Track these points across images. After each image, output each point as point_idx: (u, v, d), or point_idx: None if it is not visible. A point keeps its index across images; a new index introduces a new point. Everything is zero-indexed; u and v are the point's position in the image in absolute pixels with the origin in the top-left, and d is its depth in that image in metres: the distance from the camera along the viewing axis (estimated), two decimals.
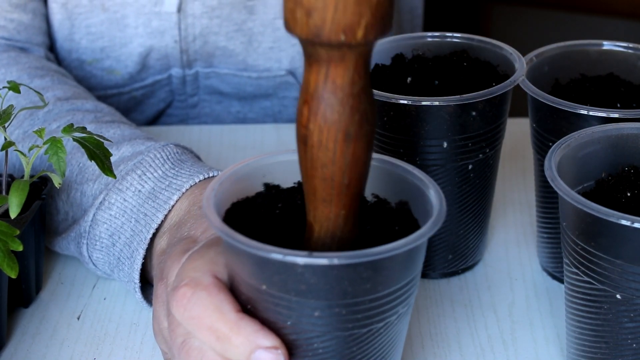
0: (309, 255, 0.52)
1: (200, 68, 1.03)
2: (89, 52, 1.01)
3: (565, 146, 0.64)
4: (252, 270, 0.55)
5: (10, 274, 0.62)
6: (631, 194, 0.63)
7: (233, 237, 0.54)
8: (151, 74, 1.03)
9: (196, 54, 1.02)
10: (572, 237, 0.61)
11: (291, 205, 0.61)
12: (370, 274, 0.54)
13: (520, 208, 0.86)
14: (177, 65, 1.02)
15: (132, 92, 1.04)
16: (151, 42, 1.00)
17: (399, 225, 0.59)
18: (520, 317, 0.72)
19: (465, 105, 0.70)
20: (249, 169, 0.62)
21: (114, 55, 1.01)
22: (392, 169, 0.61)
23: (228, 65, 1.03)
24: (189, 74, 1.03)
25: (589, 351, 0.63)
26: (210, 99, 1.07)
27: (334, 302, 0.54)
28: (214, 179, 0.60)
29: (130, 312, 0.73)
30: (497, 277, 0.77)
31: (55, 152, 0.64)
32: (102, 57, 1.02)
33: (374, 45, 0.52)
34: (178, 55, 1.01)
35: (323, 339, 0.55)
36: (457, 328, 0.71)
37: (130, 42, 1.00)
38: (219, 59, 1.03)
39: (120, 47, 1.01)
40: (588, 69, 0.78)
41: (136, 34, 1.00)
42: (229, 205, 0.60)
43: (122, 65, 1.02)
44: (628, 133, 0.66)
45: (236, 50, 1.02)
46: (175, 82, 1.04)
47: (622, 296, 0.59)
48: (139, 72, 1.03)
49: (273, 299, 0.55)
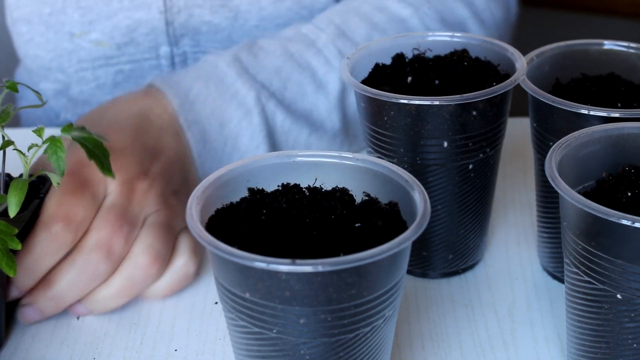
0: (293, 263, 0.52)
1: (187, 47, 1.05)
2: (79, 25, 1.05)
3: (565, 146, 0.64)
4: (237, 279, 0.55)
5: (9, 272, 0.62)
6: (632, 194, 0.63)
7: (216, 246, 0.54)
8: (140, 50, 1.05)
9: (182, 27, 1.03)
10: (572, 237, 0.61)
11: (276, 209, 0.61)
12: (355, 279, 0.53)
13: (521, 208, 0.86)
14: (164, 43, 1.04)
15: (119, 64, 1.06)
16: (138, 14, 1.03)
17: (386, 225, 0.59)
18: (521, 317, 0.72)
19: (465, 104, 0.70)
20: (233, 174, 0.62)
21: (100, 28, 1.04)
22: (379, 169, 0.61)
23: (214, 42, 1.05)
24: (177, 53, 1.05)
25: (589, 351, 0.63)
26: None
27: (319, 308, 0.54)
28: (197, 186, 0.60)
29: (130, 311, 0.73)
30: (497, 277, 0.77)
31: (54, 151, 0.64)
32: (89, 30, 1.04)
33: None
34: (164, 28, 1.03)
35: (309, 345, 0.55)
36: (457, 328, 0.71)
37: (114, 15, 1.03)
38: (205, 36, 1.04)
39: (106, 19, 1.03)
40: (589, 68, 0.78)
41: (122, 7, 1.03)
42: (213, 211, 0.60)
43: (108, 37, 1.04)
44: (629, 133, 0.66)
45: (221, 25, 1.04)
46: (164, 64, 1.06)
47: (623, 296, 0.59)
48: (126, 45, 1.05)
49: (258, 307, 0.55)
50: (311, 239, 0.59)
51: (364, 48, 0.78)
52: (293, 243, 0.59)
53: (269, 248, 0.57)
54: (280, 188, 0.62)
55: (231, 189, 0.62)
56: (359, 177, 0.62)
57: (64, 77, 1.08)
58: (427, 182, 0.72)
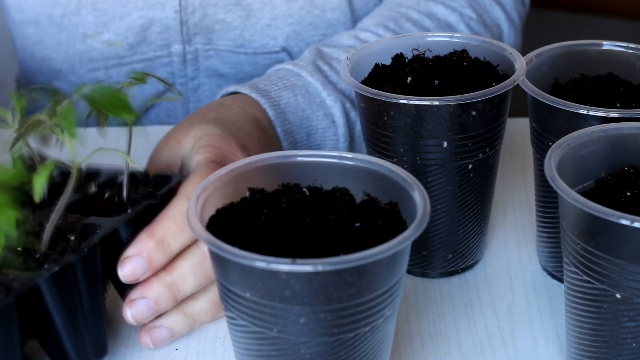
0: (293, 263, 0.52)
1: (199, 45, 1.05)
2: (92, 26, 1.05)
3: (565, 146, 0.64)
4: (237, 278, 0.55)
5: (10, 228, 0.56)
6: (631, 194, 0.63)
7: (217, 246, 0.54)
8: (152, 49, 1.06)
9: (196, 26, 1.04)
10: (571, 237, 0.61)
11: (277, 209, 0.61)
12: (355, 279, 0.54)
13: (520, 208, 0.86)
14: (177, 41, 1.05)
15: (132, 63, 1.06)
16: (152, 13, 1.03)
17: (386, 225, 0.59)
18: (520, 317, 0.72)
19: (465, 105, 0.70)
20: (233, 174, 0.62)
21: (113, 28, 1.04)
22: (379, 170, 0.61)
23: (226, 40, 1.05)
24: (189, 51, 1.05)
25: (588, 350, 0.63)
26: (211, 82, 1.08)
27: (319, 308, 0.54)
28: (197, 186, 0.60)
29: None
30: (497, 276, 0.77)
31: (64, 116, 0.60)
32: (102, 31, 1.05)
33: None
34: (178, 27, 1.04)
35: (309, 344, 0.55)
36: (457, 327, 0.71)
37: (128, 15, 1.03)
38: (218, 34, 1.05)
39: (119, 19, 1.04)
40: (588, 68, 0.78)
41: (136, 7, 1.03)
42: (214, 211, 0.60)
43: (121, 37, 1.05)
44: (627, 133, 0.66)
45: (234, 23, 1.04)
46: (175, 61, 1.06)
47: (622, 295, 0.59)
48: (139, 44, 1.05)
49: (258, 307, 0.55)
50: (311, 239, 0.60)
51: (364, 48, 0.78)
52: (293, 243, 0.59)
53: (269, 248, 0.57)
54: (281, 188, 0.62)
55: (232, 189, 0.62)
56: (359, 177, 0.62)
57: (75, 79, 1.08)
58: (427, 182, 0.72)
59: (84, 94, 0.62)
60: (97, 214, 0.66)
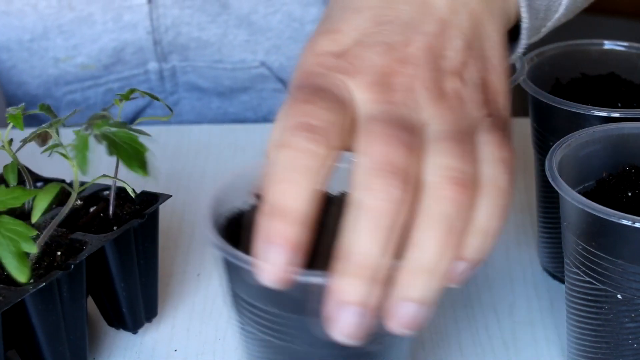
0: (304, 274, 0.50)
1: (176, 62, 1.04)
2: (63, 50, 1.03)
3: (565, 146, 0.64)
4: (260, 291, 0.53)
5: (21, 277, 0.56)
6: (632, 194, 0.63)
7: (237, 257, 0.52)
8: (127, 67, 1.05)
9: (170, 45, 1.03)
10: (573, 237, 0.61)
11: None
12: None
13: (521, 208, 0.86)
14: (152, 59, 1.04)
15: (108, 83, 1.05)
16: (124, 36, 1.02)
17: None
18: (521, 317, 0.72)
19: None
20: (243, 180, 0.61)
21: (86, 52, 1.03)
22: None
23: (204, 57, 1.04)
24: (166, 68, 1.05)
25: (589, 351, 0.63)
26: (190, 96, 1.07)
27: None
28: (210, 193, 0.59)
29: None
30: (497, 277, 0.77)
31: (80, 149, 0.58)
32: (74, 54, 1.03)
33: None
34: (152, 47, 1.03)
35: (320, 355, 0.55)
36: (457, 328, 0.71)
37: (99, 38, 1.02)
38: (194, 52, 1.04)
39: (91, 42, 1.03)
40: (589, 68, 0.78)
41: (106, 30, 1.02)
42: (223, 220, 0.59)
43: (94, 60, 1.04)
44: (629, 133, 0.66)
45: (210, 40, 1.03)
46: (153, 79, 1.05)
47: (623, 296, 0.59)
48: (114, 64, 1.04)
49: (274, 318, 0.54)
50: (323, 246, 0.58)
51: None
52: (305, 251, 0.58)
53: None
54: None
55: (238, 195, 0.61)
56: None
57: (52, 102, 1.05)
58: None
59: (104, 132, 0.59)
60: (82, 229, 0.66)
